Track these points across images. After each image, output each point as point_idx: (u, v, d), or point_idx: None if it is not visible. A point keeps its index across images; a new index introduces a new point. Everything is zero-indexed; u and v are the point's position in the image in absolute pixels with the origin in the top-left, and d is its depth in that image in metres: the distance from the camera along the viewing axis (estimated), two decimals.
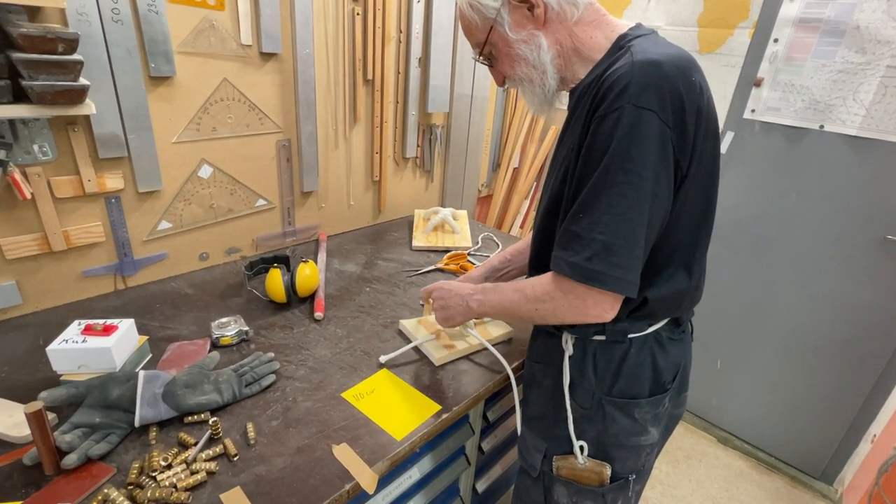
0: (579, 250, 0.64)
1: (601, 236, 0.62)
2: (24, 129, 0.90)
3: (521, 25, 0.73)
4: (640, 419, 0.77)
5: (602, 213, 0.62)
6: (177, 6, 1.02)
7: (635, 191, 0.62)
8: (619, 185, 0.62)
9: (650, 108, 0.60)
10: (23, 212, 0.95)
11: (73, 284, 1.06)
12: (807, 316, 1.71)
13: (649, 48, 0.65)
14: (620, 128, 0.61)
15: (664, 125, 0.61)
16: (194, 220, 1.20)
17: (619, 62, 0.65)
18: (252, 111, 1.21)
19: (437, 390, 0.89)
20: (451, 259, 1.41)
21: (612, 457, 0.79)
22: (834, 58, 1.49)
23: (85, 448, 0.67)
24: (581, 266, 0.64)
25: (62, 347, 0.78)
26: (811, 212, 1.63)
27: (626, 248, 0.63)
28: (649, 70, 0.61)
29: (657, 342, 0.77)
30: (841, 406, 1.71)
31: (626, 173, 0.61)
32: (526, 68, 0.75)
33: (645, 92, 0.60)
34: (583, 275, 0.64)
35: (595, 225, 0.63)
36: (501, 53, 0.77)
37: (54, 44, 0.78)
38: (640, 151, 0.61)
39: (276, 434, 0.76)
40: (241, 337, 0.97)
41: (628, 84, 0.61)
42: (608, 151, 0.62)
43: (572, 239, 0.65)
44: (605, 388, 0.76)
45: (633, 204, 0.62)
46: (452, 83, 1.67)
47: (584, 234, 0.64)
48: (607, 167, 0.62)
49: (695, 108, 0.63)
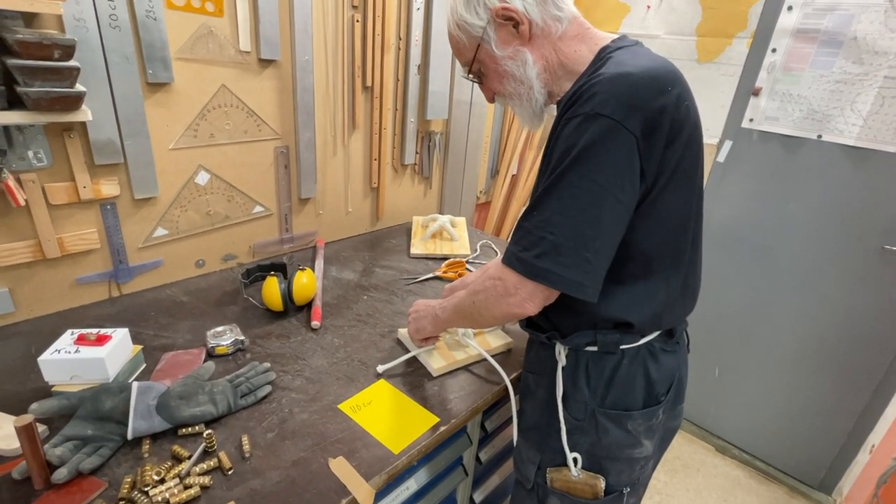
0: (529, 247, 0.66)
1: (551, 236, 0.64)
2: (18, 136, 0.89)
3: (507, 42, 0.74)
4: (633, 431, 0.76)
5: (553, 213, 0.64)
6: (175, 12, 1.01)
7: (588, 195, 0.63)
8: (572, 188, 0.63)
9: (612, 117, 0.61)
10: (16, 218, 0.94)
11: (66, 292, 1.04)
12: (804, 325, 1.71)
13: (626, 60, 0.66)
14: (579, 132, 0.62)
15: (629, 134, 0.61)
16: (191, 227, 1.19)
17: (596, 74, 0.66)
18: (250, 118, 1.21)
19: (435, 401, 0.88)
20: (449, 267, 1.40)
21: (605, 469, 0.78)
22: (832, 68, 1.50)
23: (76, 462, 0.66)
24: (529, 262, 0.66)
25: (54, 358, 0.77)
26: (809, 221, 1.64)
27: (574, 249, 0.64)
28: (618, 80, 0.62)
29: (650, 353, 0.76)
30: (839, 415, 1.70)
31: (580, 177, 0.62)
32: (513, 84, 0.77)
33: (609, 101, 0.61)
34: (530, 271, 0.66)
35: (546, 224, 0.65)
36: (489, 70, 0.78)
37: (50, 50, 0.78)
38: (597, 157, 0.62)
39: (272, 447, 0.75)
40: (237, 346, 0.96)
41: (595, 93, 0.62)
42: (566, 154, 0.63)
43: (524, 234, 0.67)
44: (598, 399, 0.76)
45: (585, 207, 0.63)
46: (451, 90, 1.67)
47: (535, 231, 0.66)
48: (563, 169, 0.63)
49: (668, 118, 0.63)
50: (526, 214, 0.68)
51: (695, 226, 0.75)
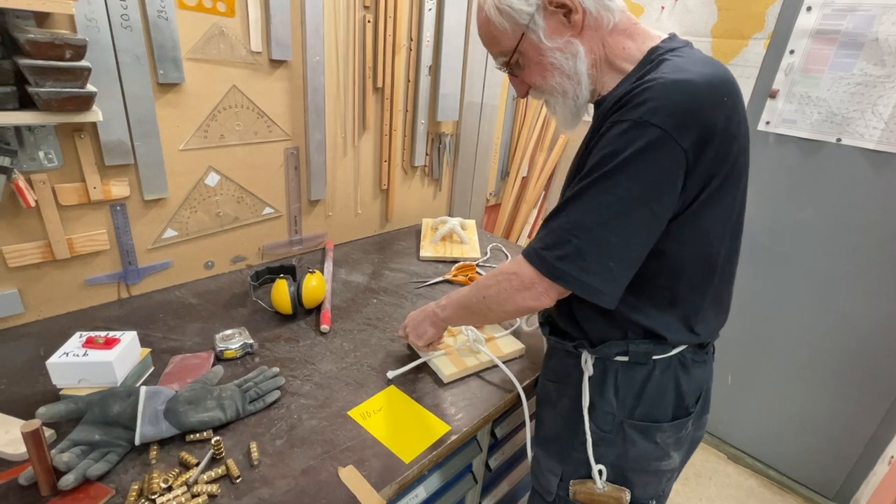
0: (552, 246, 0.64)
1: (576, 240, 0.62)
2: (29, 136, 0.88)
3: (557, 32, 0.68)
4: (662, 443, 0.74)
5: (582, 217, 0.62)
6: (187, 12, 1.00)
7: (621, 204, 0.60)
8: (606, 195, 0.61)
9: (662, 127, 0.57)
10: (26, 219, 0.93)
11: (75, 293, 1.04)
12: (822, 331, 1.67)
13: (682, 65, 0.62)
14: (625, 139, 0.59)
15: (678, 147, 0.58)
16: (200, 228, 1.19)
17: (650, 76, 0.62)
18: (261, 118, 1.20)
19: (446, 409, 0.87)
20: (459, 270, 1.38)
21: (631, 482, 0.76)
22: (852, 70, 1.46)
23: (83, 468, 0.65)
24: (550, 263, 0.64)
25: (62, 361, 0.76)
26: (827, 226, 1.60)
27: (598, 256, 0.62)
28: (674, 88, 0.59)
29: (681, 364, 0.74)
30: (856, 425, 1.66)
31: (616, 185, 0.60)
32: (560, 78, 0.71)
33: (662, 110, 0.58)
34: (550, 272, 0.64)
35: (573, 227, 0.63)
36: (531, 62, 0.72)
37: (62, 50, 0.77)
38: (639, 168, 0.59)
39: (281, 454, 0.73)
40: (246, 350, 0.95)
41: (647, 99, 0.59)
42: (607, 158, 0.60)
43: (549, 233, 0.65)
44: (627, 411, 0.73)
45: (616, 216, 0.61)
46: (462, 91, 1.65)
47: (561, 232, 0.64)
48: (602, 174, 0.61)
49: (720, 132, 0.60)
50: (554, 213, 0.66)
51: (732, 239, 0.72)
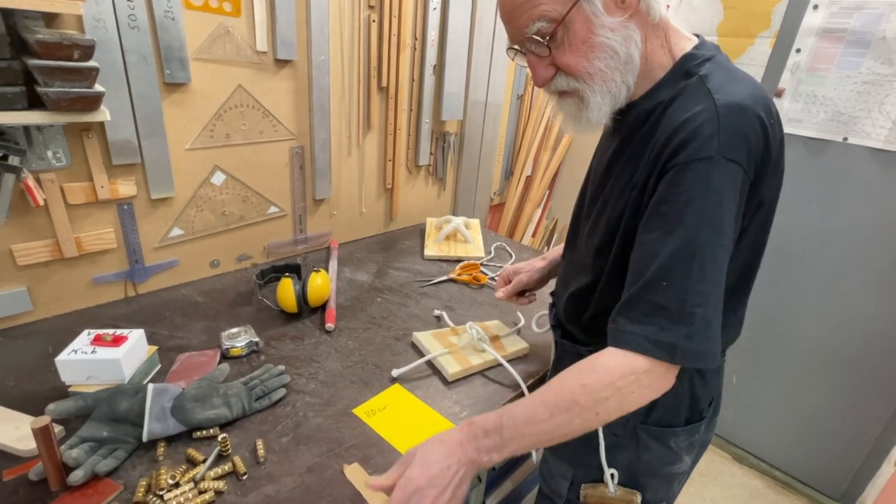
0: (671, 327, 0.54)
1: (699, 309, 0.54)
2: (38, 136, 0.89)
3: (609, 9, 0.59)
4: (675, 447, 0.73)
5: (696, 282, 0.54)
6: (193, 12, 1.01)
7: (725, 252, 0.55)
8: (711, 248, 0.54)
9: (738, 162, 0.54)
10: (35, 218, 0.94)
11: (83, 291, 1.05)
12: (828, 332, 1.67)
13: (727, 83, 0.58)
14: (711, 181, 0.54)
15: (746, 178, 0.56)
16: (206, 227, 1.19)
17: (695, 98, 0.58)
18: (266, 118, 1.20)
19: (451, 407, 0.87)
20: (463, 269, 1.39)
21: (643, 485, 0.75)
22: (859, 69, 1.46)
23: (91, 464, 0.65)
24: (680, 346, 0.54)
25: (71, 358, 0.77)
26: (833, 225, 1.59)
27: (717, 318, 0.55)
28: (737, 117, 0.55)
29: (698, 372, 0.72)
30: (863, 425, 1.65)
31: (718, 234, 0.54)
32: (609, 61, 0.60)
33: (734, 142, 0.54)
34: (684, 356, 0.55)
35: (689, 295, 0.54)
36: (576, 39, 0.59)
37: (70, 50, 0.78)
38: (727, 208, 0.55)
39: (286, 451, 0.74)
40: (252, 348, 0.95)
41: (716, 132, 0.54)
42: (695, 207, 0.54)
43: (656, 311, 0.55)
44: (641, 415, 0.72)
45: (723, 267, 0.56)
46: (467, 90, 1.65)
47: (676, 306, 0.54)
48: (697, 227, 0.54)
49: (770, 154, 0.58)
50: (648, 286, 0.56)
51: (757, 255, 0.70)
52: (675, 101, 0.60)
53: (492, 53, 1.69)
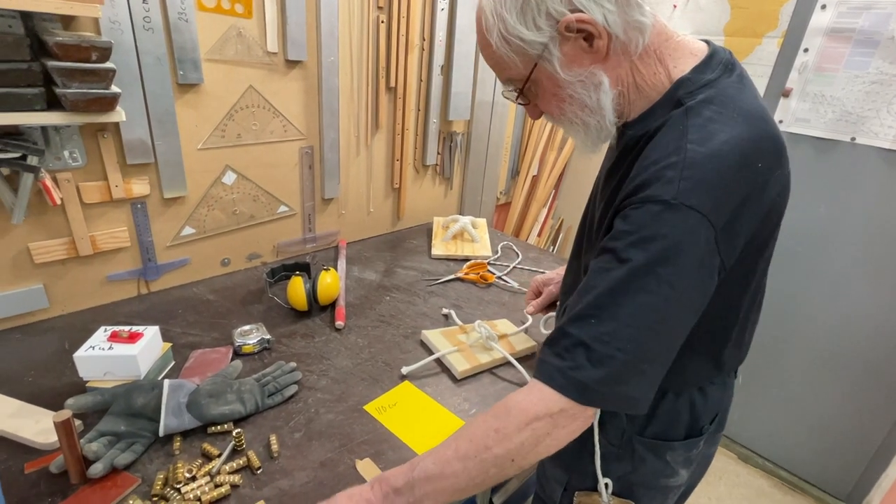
0: (587, 366, 0.52)
1: (621, 355, 0.51)
2: (55, 136, 0.91)
3: (577, 61, 0.58)
4: (671, 461, 0.72)
5: (623, 325, 0.51)
6: (206, 14, 1.02)
7: (667, 305, 0.51)
8: (648, 294, 0.51)
9: (698, 210, 0.50)
10: (52, 217, 0.96)
11: (98, 289, 1.07)
12: (835, 332, 1.66)
13: (711, 123, 0.53)
14: (659, 223, 0.51)
15: (711, 228, 0.51)
16: (217, 226, 1.21)
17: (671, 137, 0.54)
18: (276, 118, 1.22)
19: (460, 404, 0.88)
20: (470, 268, 1.39)
21: (637, 496, 0.75)
22: (867, 68, 1.45)
23: (110, 457, 0.67)
24: (591, 388, 0.52)
25: (89, 354, 0.78)
26: (841, 225, 1.59)
27: (652, 366, 0.53)
28: (707, 166, 0.51)
29: (699, 389, 0.71)
30: (869, 426, 1.65)
31: (659, 282, 0.51)
32: (580, 112, 0.61)
33: (697, 190, 0.50)
34: (595, 398, 0.52)
35: (612, 338, 0.51)
36: (546, 93, 0.62)
37: (88, 52, 0.79)
38: (680, 258, 0.51)
39: (299, 447, 0.75)
40: (263, 345, 0.97)
41: (678, 177, 0.51)
42: (640, 249, 0.51)
43: (576, 346, 0.53)
44: (637, 427, 0.70)
45: (665, 317, 0.52)
46: (474, 90, 1.66)
47: (597, 346, 0.52)
48: (636, 269, 0.51)
49: (752, 203, 0.54)
50: (577, 319, 0.54)
51: (756, 289, 0.66)
52: (657, 135, 0.57)
53: None
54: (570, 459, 0.78)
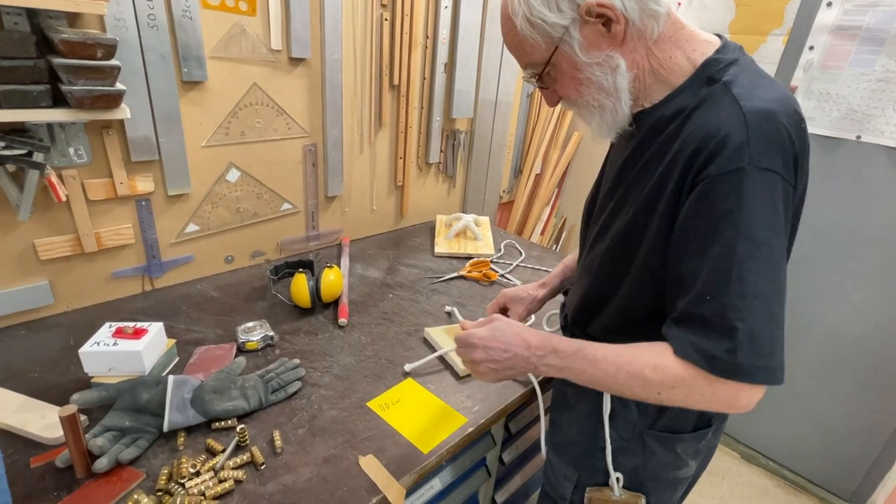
0: (715, 340, 0.55)
1: (741, 324, 0.53)
2: (60, 133, 0.91)
3: (595, 45, 0.60)
4: (681, 453, 0.73)
5: (736, 296, 0.53)
6: (210, 11, 1.03)
7: (770, 266, 0.54)
8: (751, 262, 0.53)
9: (774, 170, 0.53)
10: (57, 213, 0.96)
11: (102, 285, 1.07)
12: (838, 331, 1.66)
13: (753, 90, 0.56)
14: (745, 193, 0.53)
15: (787, 185, 0.54)
16: (221, 223, 1.21)
17: (720, 106, 0.57)
18: (280, 116, 1.22)
19: (462, 401, 0.88)
20: (473, 266, 1.40)
21: (648, 489, 0.76)
22: (873, 66, 1.45)
23: (115, 452, 0.67)
24: (721, 359, 0.54)
25: (94, 350, 0.79)
26: (846, 225, 1.58)
27: (770, 331, 0.54)
28: (766, 123, 0.54)
29: None
30: (874, 426, 1.65)
31: (757, 247, 0.53)
32: (597, 94, 0.64)
33: (768, 150, 0.53)
34: (725, 370, 0.55)
35: (729, 310, 0.54)
36: (565, 76, 0.65)
37: (93, 49, 0.79)
38: (770, 220, 0.53)
39: (303, 443, 0.75)
40: (267, 342, 0.97)
41: (746, 141, 0.53)
42: (731, 222, 0.53)
43: (703, 325, 0.56)
44: (649, 421, 0.72)
45: (772, 280, 0.54)
46: (477, 88, 1.66)
47: (718, 320, 0.54)
48: (733, 240, 0.53)
49: (804, 158, 0.58)
50: (696, 300, 0.56)
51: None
52: (699, 110, 0.59)
53: (502, 52, 1.70)
54: (580, 456, 0.79)
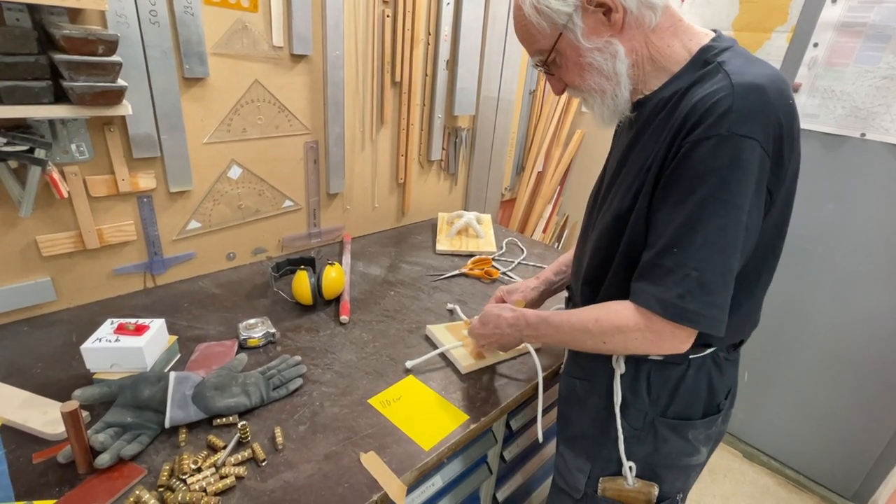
0: (671, 286, 0.61)
1: (695, 273, 0.59)
2: (62, 129, 0.91)
3: (596, 32, 0.66)
4: (693, 440, 0.75)
5: (697, 248, 0.59)
6: (211, 8, 1.02)
7: (733, 225, 0.59)
8: (717, 219, 0.59)
9: (753, 137, 0.57)
10: (59, 210, 0.96)
11: (104, 282, 1.07)
12: (841, 330, 1.65)
13: (744, 67, 0.61)
14: (719, 157, 0.57)
15: (764, 154, 0.58)
16: (223, 220, 1.21)
17: (712, 81, 0.61)
18: (281, 112, 1.22)
19: (464, 399, 0.88)
20: (475, 264, 1.39)
21: (660, 477, 0.77)
22: (878, 63, 1.43)
23: (117, 448, 0.67)
24: (672, 304, 0.61)
25: (96, 346, 0.79)
26: (850, 222, 1.57)
27: (721, 285, 0.60)
28: (752, 95, 0.58)
29: (714, 363, 0.74)
30: (876, 425, 1.64)
31: (725, 206, 0.58)
32: (598, 79, 0.69)
33: (748, 119, 0.57)
34: (675, 313, 0.61)
35: (689, 260, 0.60)
36: (569, 62, 0.70)
37: (95, 45, 0.79)
38: (739, 184, 0.58)
39: (304, 439, 0.75)
40: (268, 339, 0.97)
41: (729, 109, 0.57)
42: (705, 181, 0.58)
43: (663, 274, 0.62)
44: (660, 409, 0.74)
45: (731, 239, 0.59)
46: (479, 86, 1.66)
47: (676, 269, 0.60)
48: (704, 199, 0.59)
49: (791, 134, 0.61)
50: (662, 252, 0.62)
51: (778, 242, 0.71)
52: (694, 86, 0.63)
53: (504, 49, 1.69)
54: (592, 448, 0.81)
